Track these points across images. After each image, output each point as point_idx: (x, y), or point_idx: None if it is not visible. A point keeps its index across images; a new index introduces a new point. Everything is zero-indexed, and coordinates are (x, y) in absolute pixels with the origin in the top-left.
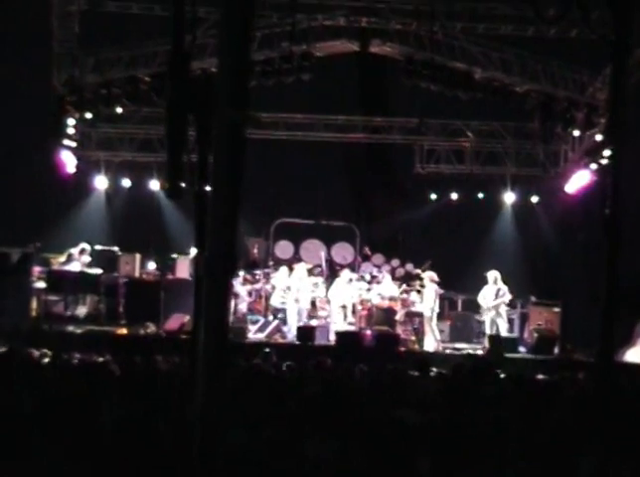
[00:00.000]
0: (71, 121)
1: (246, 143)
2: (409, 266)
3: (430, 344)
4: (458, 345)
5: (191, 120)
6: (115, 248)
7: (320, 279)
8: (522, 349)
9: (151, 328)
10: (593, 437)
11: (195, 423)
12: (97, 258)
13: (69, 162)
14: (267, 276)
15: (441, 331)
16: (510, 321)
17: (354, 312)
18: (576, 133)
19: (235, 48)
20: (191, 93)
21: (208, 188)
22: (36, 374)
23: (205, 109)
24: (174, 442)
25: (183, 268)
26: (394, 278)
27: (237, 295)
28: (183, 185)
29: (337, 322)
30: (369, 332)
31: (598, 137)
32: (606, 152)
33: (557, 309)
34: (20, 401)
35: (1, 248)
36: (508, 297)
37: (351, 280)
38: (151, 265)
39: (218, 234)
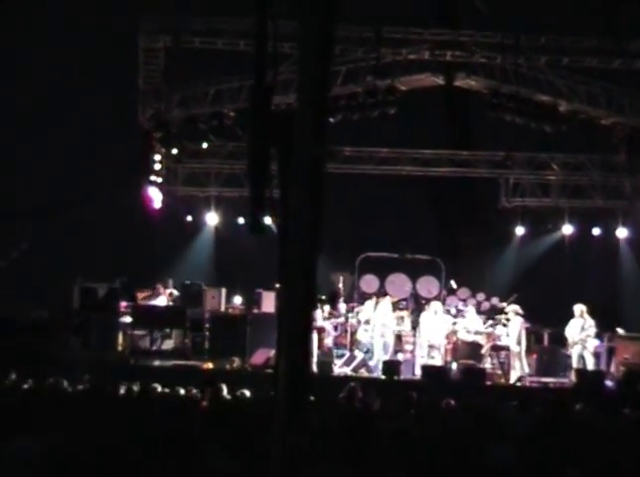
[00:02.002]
0: (157, 157)
1: (326, 177)
2: (495, 300)
3: (517, 378)
4: (545, 379)
5: (273, 155)
6: (201, 283)
7: (405, 313)
8: (609, 383)
9: (237, 362)
10: None
11: (276, 458)
12: (184, 293)
13: (155, 198)
14: (353, 310)
15: (528, 365)
16: (597, 355)
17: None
18: None
19: (314, 84)
20: (273, 128)
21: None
22: (123, 408)
23: (287, 144)
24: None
25: (269, 302)
26: (479, 312)
27: (322, 329)
28: (267, 220)
29: (424, 356)
30: (455, 366)
31: None
32: None
33: None
34: (107, 437)
35: (88, 284)
36: (593, 330)
37: (435, 313)
38: (237, 300)
39: (298, 267)
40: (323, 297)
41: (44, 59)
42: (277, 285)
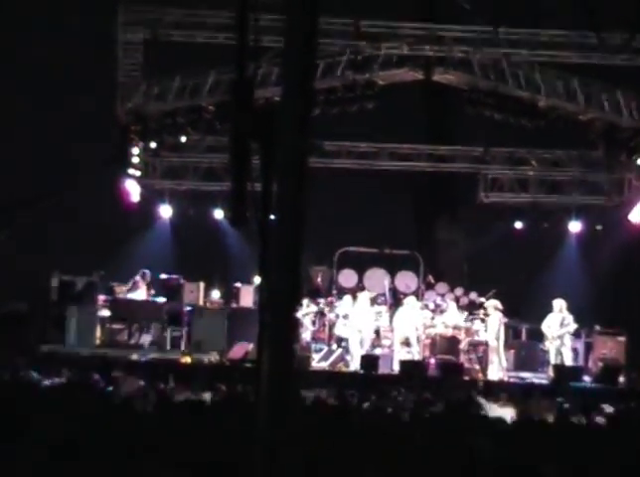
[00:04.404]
0: (135, 150)
1: (309, 171)
2: (473, 295)
3: (495, 373)
4: (522, 374)
5: (255, 149)
6: (179, 277)
7: (383, 308)
8: (586, 378)
9: (215, 356)
10: None
11: (258, 453)
12: (162, 287)
13: (133, 191)
14: (331, 305)
15: (506, 360)
16: (574, 350)
17: (418, 341)
18: None
19: (297, 77)
20: (254, 122)
21: (271, 216)
22: (101, 402)
23: (268, 138)
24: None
25: (247, 297)
26: (457, 307)
27: (300, 324)
28: (247, 213)
29: (400, 351)
30: (433, 361)
31: None
32: None
33: (621, 338)
34: (86, 431)
35: (66, 277)
36: (573, 327)
37: (410, 308)
38: (215, 294)
39: (281, 262)
40: (304, 292)
41: (27, 50)
42: (256, 279)
